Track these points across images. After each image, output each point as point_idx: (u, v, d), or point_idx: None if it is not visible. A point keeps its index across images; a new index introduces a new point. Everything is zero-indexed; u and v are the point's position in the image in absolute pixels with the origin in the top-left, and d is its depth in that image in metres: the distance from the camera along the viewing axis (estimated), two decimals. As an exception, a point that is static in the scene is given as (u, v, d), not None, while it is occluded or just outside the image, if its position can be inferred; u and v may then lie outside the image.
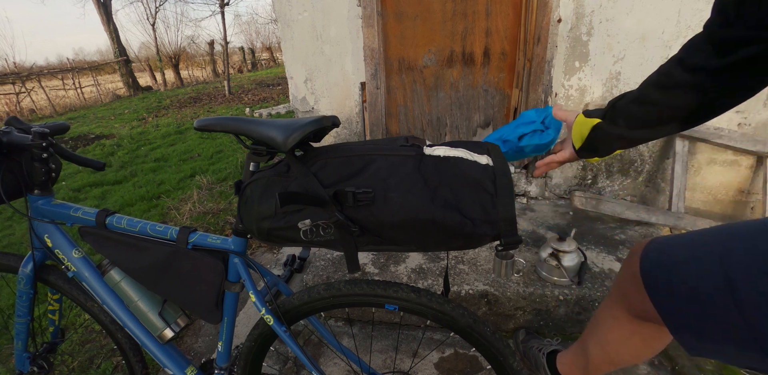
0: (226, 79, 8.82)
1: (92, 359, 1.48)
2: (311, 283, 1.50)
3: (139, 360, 1.02)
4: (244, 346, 0.88)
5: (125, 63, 11.44)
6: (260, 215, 0.68)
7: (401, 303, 0.76)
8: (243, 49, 17.59)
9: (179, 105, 8.04)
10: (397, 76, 2.06)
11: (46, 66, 18.41)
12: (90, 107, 9.46)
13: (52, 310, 1.09)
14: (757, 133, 1.79)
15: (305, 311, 0.82)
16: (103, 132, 6.02)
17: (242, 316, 1.55)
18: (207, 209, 2.70)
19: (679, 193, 1.80)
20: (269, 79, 11.85)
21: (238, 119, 0.70)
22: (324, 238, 0.67)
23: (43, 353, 1.10)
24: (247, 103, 7.55)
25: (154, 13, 14.45)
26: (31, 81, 9.79)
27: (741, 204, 1.92)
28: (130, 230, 0.83)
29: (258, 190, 0.69)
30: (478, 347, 0.76)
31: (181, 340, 1.54)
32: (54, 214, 0.88)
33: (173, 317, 0.91)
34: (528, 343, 1.25)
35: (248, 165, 0.74)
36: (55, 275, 0.98)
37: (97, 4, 11.55)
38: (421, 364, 1.31)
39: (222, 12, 9.82)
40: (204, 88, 10.93)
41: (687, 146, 1.81)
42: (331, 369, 1.30)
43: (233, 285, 0.82)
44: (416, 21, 1.94)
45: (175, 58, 14.32)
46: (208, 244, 0.80)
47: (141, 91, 11.62)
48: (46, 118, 8.46)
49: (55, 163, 0.87)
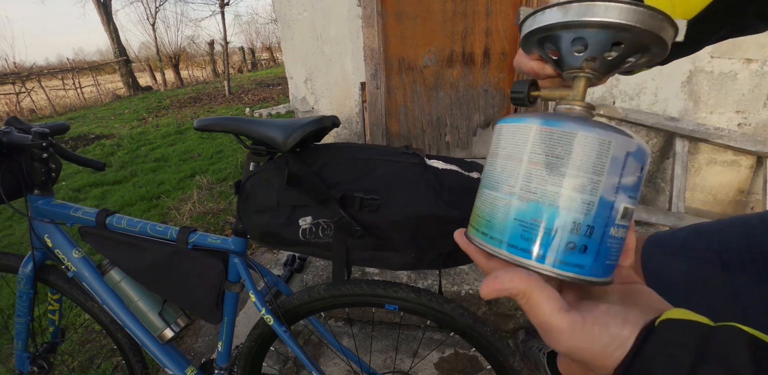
0: (226, 79, 8.82)
1: (92, 359, 1.48)
2: (311, 283, 1.50)
3: (139, 360, 1.02)
4: (244, 346, 0.88)
5: (125, 63, 11.44)
6: (260, 209, 0.68)
7: (401, 303, 0.76)
8: (243, 49, 17.59)
9: (179, 105, 8.04)
10: (397, 76, 2.06)
11: (46, 66, 18.44)
12: (90, 107, 9.46)
13: (52, 310, 1.09)
14: (757, 133, 1.79)
15: (305, 311, 0.82)
16: (103, 132, 6.02)
17: (242, 316, 1.55)
18: (207, 209, 2.70)
19: (679, 193, 1.80)
20: (269, 79, 11.85)
21: (238, 119, 0.70)
22: (322, 239, 0.67)
23: (43, 353, 1.09)
24: (247, 103, 7.55)
25: (154, 13, 14.46)
26: (31, 81, 9.79)
27: (741, 204, 1.92)
28: (130, 230, 0.83)
29: (258, 184, 0.69)
30: (478, 347, 0.76)
31: (181, 340, 1.53)
32: (54, 214, 0.88)
33: (173, 317, 0.91)
34: (528, 343, 1.25)
35: (248, 165, 0.74)
36: (55, 275, 0.98)
37: (97, 4, 11.55)
38: (421, 364, 1.31)
39: (222, 12, 9.82)
40: (204, 88, 10.93)
41: (687, 146, 1.81)
42: (331, 369, 1.30)
43: (233, 285, 0.82)
44: (416, 21, 1.94)
45: (175, 58, 14.32)
46: (208, 244, 0.80)
47: (141, 91, 11.62)
48: (46, 118, 8.46)
49: (55, 163, 0.87)
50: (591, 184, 0.24)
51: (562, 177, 0.24)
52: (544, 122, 0.25)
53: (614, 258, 0.26)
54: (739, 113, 1.78)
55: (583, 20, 0.25)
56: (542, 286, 0.24)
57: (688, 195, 1.92)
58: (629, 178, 0.24)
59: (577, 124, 0.25)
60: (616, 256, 0.26)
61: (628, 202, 0.25)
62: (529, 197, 0.25)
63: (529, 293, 0.24)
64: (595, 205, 0.24)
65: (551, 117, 0.26)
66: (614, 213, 0.24)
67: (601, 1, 0.24)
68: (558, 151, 0.24)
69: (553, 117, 0.26)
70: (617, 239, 0.25)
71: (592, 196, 0.24)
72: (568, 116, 0.26)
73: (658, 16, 0.25)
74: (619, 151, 0.24)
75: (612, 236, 0.25)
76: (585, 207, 0.24)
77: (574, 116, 0.26)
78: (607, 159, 0.24)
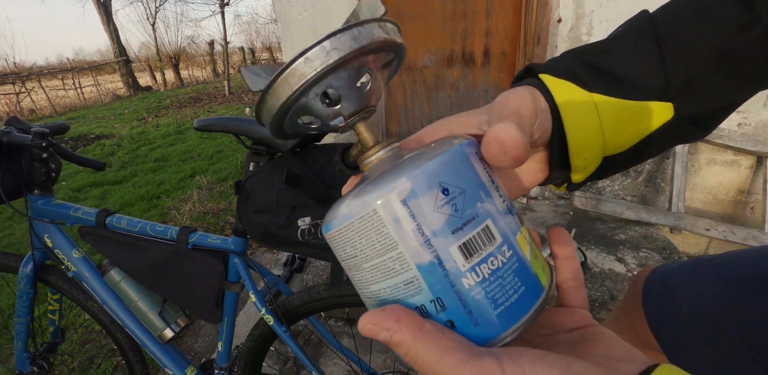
0: (226, 79, 8.82)
1: (92, 359, 1.48)
2: (311, 283, 1.50)
3: (139, 360, 1.02)
4: (244, 346, 0.88)
5: (125, 63, 11.44)
6: (260, 208, 0.68)
7: (401, 303, 0.76)
8: (243, 49, 17.58)
9: (179, 105, 8.04)
10: (397, 76, 2.06)
11: (46, 66, 18.45)
12: (90, 107, 9.46)
13: (52, 310, 1.09)
14: (757, 133, 1.79)
15: (305, 311, 0.82)
16: (103, 132, 6.02)
17: (242, 316, 1.55)
18: (207, 209, 2.70)
19: (679, 193, 1.80)
20: (269, 79, 11.81)
21: (238, 119, 0.70)
22: (321, 241, 0.67)
23: (43, 353, 1.09)
24: (247, 103, 7.55)
25: (154, 13, 14.47)
26: (31, 81, 9.80)
27: (741, 204, 1.92)
28: (130, 230, 0.83)
29: (258, 184, 0.69)
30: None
31: (181, 340, 1.54)
32: (54, 214, 0.88)
33: (173, 317, 0.91)
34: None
35: (248, 165, 0.74)
36: (55, 275, 0.98)
37: (97, 4, 11.55)
38: (421, 364, 1.31)
39: (222, 12, 9.83)
40: (204, 88, 10.93)
41: (687, 146, 1.81)
42: (331, 369, 1.30)
43: (233, 285, 0.82)
44: (416, 21, 1.94)
45: (175, 58, 14.33)
46: (208, 244, 0.80)
47: (141, 91, 11.63)
48: (46, 118, 8.46)
49: (55, 163, 0.87)
50: (394, 262, 0.19)
51: (365, 271, 0.20)
52: (324, 229, 0.21)
53: (505, 298, 0.19)
54: (739, 113, 1.78)
55: (330, 64, 0.20)
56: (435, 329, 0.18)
57: (688, 195, 1.92)
58: (435, 218, 0.18)
59: (339, 209, 0.20)
60: (506, 294, 0.19)
61: (460, 236, 0.19)
62: (369, 303, 0.22)
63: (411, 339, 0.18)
64: (418, 278, 0.19)
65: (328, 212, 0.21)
66: (450, 265, 0.18)
67: (327, 39, 0.19)
68: (346, 253, 0.21)
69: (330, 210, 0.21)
70: (486, 281, 0.19)
71: (406, 274, 0.19)
72: (347, 196, 0.20)
73: (382, 25, 0.21)
74: (391, 211, 0.18)
75: (473, 285, 0.19)
76: (410, 288, 0.19)
77: (356, 189, 0.21)
78: (386, 228, 0.19)
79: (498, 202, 0.21)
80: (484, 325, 0.19)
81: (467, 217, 0.19)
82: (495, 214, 0.20)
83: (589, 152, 0.26)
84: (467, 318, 0.19)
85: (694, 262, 0.59)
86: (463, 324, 0.19)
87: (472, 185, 0.20)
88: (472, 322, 0.19)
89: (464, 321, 0.19)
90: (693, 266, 0.58)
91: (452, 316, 0.19)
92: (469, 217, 0.19)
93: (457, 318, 0.19)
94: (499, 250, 0.20)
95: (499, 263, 0.19)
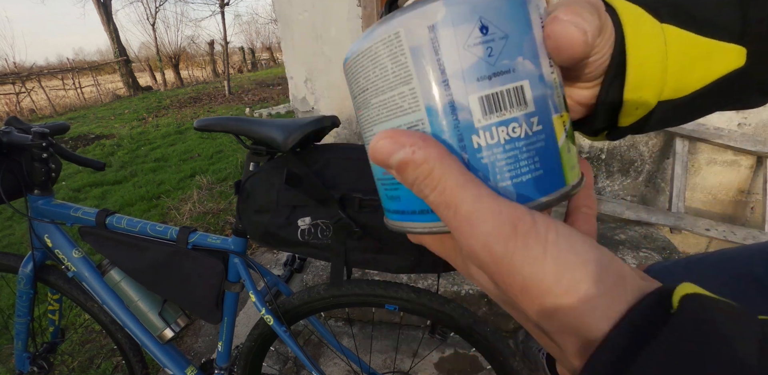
0: (226, 79, 8.82)
1: (92, 359, 1.48)
2: (311, 283, 1.50)
3: (139, 360, 1.02)
4: (244, 346, 0.88)
5: (125, 63, 11.44)
6: (260, 208, 0.68)
7: (401, 303, 0.76)
8: (243, 49, 17.59)
9: (179, 105, 8.04)
10: None
11: (46, 66, 18.45)
12: (90, 107, 9.46)
13: (52, 310, 1.09)
14: (757, 133, 1.79)
15: (305, 311, 0.82)
16: (103, 132, 6.02)
17: (242, 316, 1.55)
18: (207, 209, 2.70)
19: (679, 193, 1.80)
20: (269, 79, 11.85)
21: (238, 119, 0.70)
22: (321, 241, 0.67)
23: (43, 353, 1.10)
24: (247, 103, 7.55)
25: (154, 13, 14.47)
26: (31, 81, 9.80)
27: (741, 204, 1.92)
28: (130, 230, 0.83)
29: (258, 184, 0.69)
30: (478, 347, 0.76)
31: (181, 340, 1.54)
32: (54, 214, 0.88)
33: (173, 317, 0.91)
34: (528, 343, 1.25)
35: (248, 165, 0.74)
36: (55, 275, 0.98)
37: (97, 4, 11.55)
38: (421, 364, 1.31)
39: (222, 12, 9.83)
40: (204, 88, 10.93)
41: (687, 146, 1.81)
42: (331, 369, 1.30)
43: (233, 285, 0.82)
44: (416, 21, 1.94)
45: (175, 58, 14.33)
46: (208, 244, 0.80)
47: (141, 91, 11.63)
48: (46, 118, 8.46)
49: (55, 163, 0.87)
50: (403, 99, 0.16)
51: (371, 108, 0.18)
52: (344, 60, 0.19)
53: (513, 175, 0.16)
54: (739, 113, 1.78)
55: None
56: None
57: (688, 195, 1.92)
58: (462, 56, 0.16)
59: (364, 36, 0.18)
60: (516, 171, 0.16)
61: (485, 86, 0.16)
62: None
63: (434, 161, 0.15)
64: (425, 122, 0.16)
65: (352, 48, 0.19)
66: (463, 116, 0.16)
67: None
68: (358, 86, 0.18)
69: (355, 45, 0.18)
70: (499, 146, 0.16)
71: (413, 115, 0.16)
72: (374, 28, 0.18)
73: None
74: (414, 36, 0.16)
75: (483, 147, 0.16)
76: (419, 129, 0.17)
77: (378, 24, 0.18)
78: (404, 56, 0.16)
79: (545, 67, 0.17)
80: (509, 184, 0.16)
81: (501, 67, 0.16)
82: (536, 79, 0.17)
83: (648, 89, 0.23)
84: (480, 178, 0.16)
85: (687, 260, 0.59)
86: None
87: (519, 34, 0.16)
88: (484, 181, 0.16)
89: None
90: (686, 264, 0.58)
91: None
92: (504, 68, 0.16)
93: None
94: (527, 118, 0.16)
95: (522, 133, 0.16)
